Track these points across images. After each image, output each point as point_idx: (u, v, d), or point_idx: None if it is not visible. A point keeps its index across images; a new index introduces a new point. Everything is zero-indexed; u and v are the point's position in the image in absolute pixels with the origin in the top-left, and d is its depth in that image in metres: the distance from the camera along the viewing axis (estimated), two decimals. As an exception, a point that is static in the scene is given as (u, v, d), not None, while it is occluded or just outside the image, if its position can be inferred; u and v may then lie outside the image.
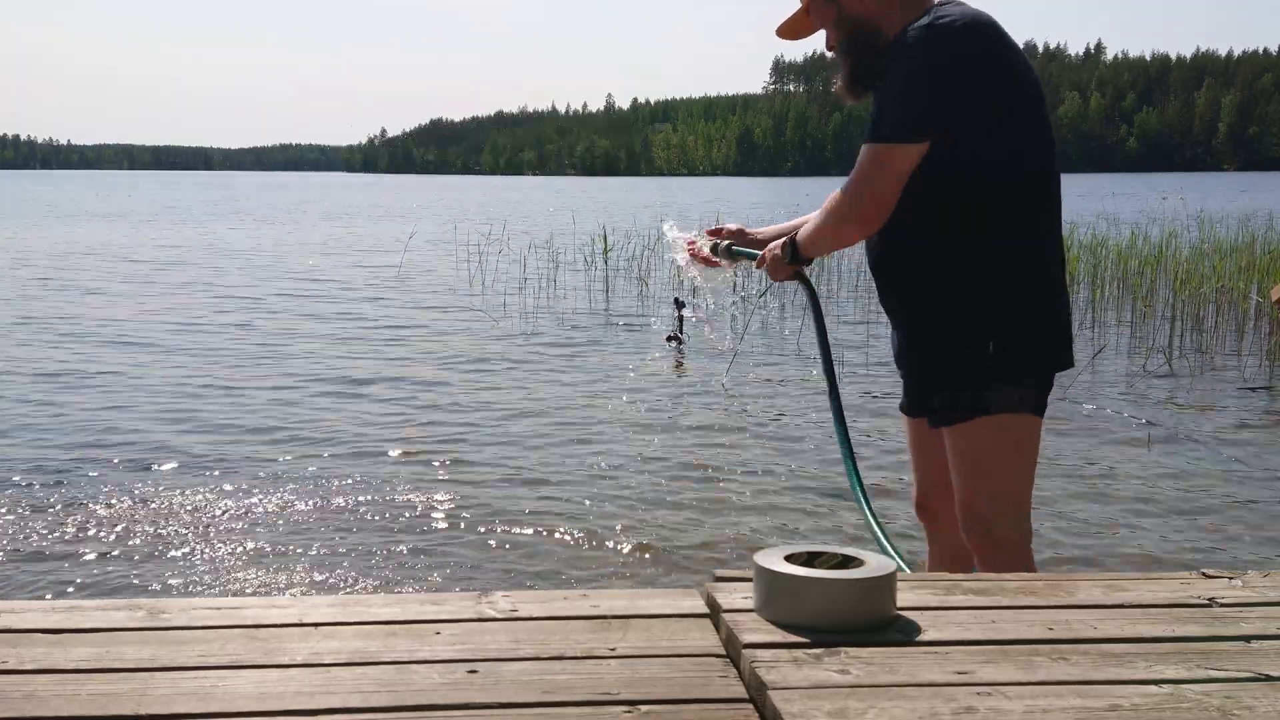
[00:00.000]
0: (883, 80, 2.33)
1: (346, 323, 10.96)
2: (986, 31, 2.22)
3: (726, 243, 2.85)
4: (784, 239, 2.59)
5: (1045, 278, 2.37)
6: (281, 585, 4.02)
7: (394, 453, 5.82)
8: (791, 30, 2.59)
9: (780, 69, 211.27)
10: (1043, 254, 2.36)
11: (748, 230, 2.90)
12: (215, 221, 31.55)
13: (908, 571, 2.13)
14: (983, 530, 2.34)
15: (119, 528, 4.60)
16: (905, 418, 2.64)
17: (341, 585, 4.02)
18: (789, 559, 1.48)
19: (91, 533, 4.54)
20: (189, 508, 4.87)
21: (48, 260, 17.82)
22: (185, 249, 20.69)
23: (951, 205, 2.27)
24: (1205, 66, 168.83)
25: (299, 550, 4.36)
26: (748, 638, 1.37)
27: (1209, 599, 1.57)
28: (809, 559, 1.49)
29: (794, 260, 2.57)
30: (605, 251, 15.47)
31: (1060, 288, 2.40)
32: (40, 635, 1.41)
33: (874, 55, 2.38)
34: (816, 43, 2.58)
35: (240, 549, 4.36)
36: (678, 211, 31.79)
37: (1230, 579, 1.66)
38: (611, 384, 7.82)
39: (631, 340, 9.93)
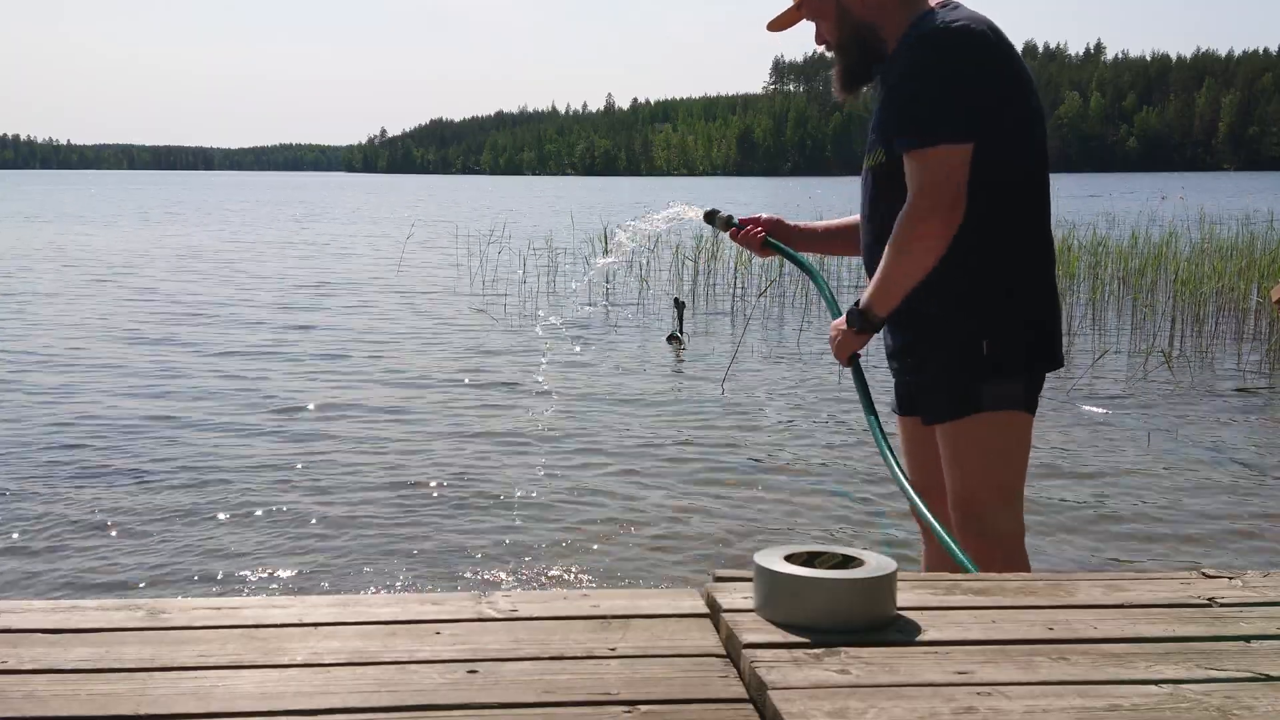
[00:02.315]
0: (880, 79, 2.35)
1: (344, 321, 10.97)
2: (996, 35, 2.28)
3: (762, 233, 2.79)
4: (849, 311, 2.43)
5: (1037, 276, 2.40)
6: (281, 585, 4.02)
7: (392, 453, 5.82)
8: (782, 23, 2.58)
9: (780, 69, 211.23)
10: (1035, 253, 2.39)
11: (786, 221, 2.84)
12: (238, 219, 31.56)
13: (973, 569, 2.06)
14: (978, 526, 2.35)
15: (119, 528, 4.60)
16: (897, 417, 2.65)
17: (341, 585, 4.02)
18: (789, 559, 1.48)
19: (92, 533, 4.54)
20: (189, 508, 4.87)
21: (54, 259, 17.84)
22: (193, 249, 20.71)
23: None
24: (1205, 66, 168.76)
25: (299, 550, 4.36)
26: (748, 638, 1.37)
27: (1209, 599, 1.57)
28: (809, 559, 1.49)
29: (866, 328, 2.42)
30: (606, 251, 15.47)
31: (1051, 287, 2.42)
32: (40, 635, 1.41)
33: (872, 54, 2.40)
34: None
35: (240, 549, 4.36)
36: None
37: (1230, 579, 1.65)
38: (611, 384, 7.82)
39: (631, 340, 9.93)
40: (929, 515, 2.20)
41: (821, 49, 2.54)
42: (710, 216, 2.85)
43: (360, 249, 21.28)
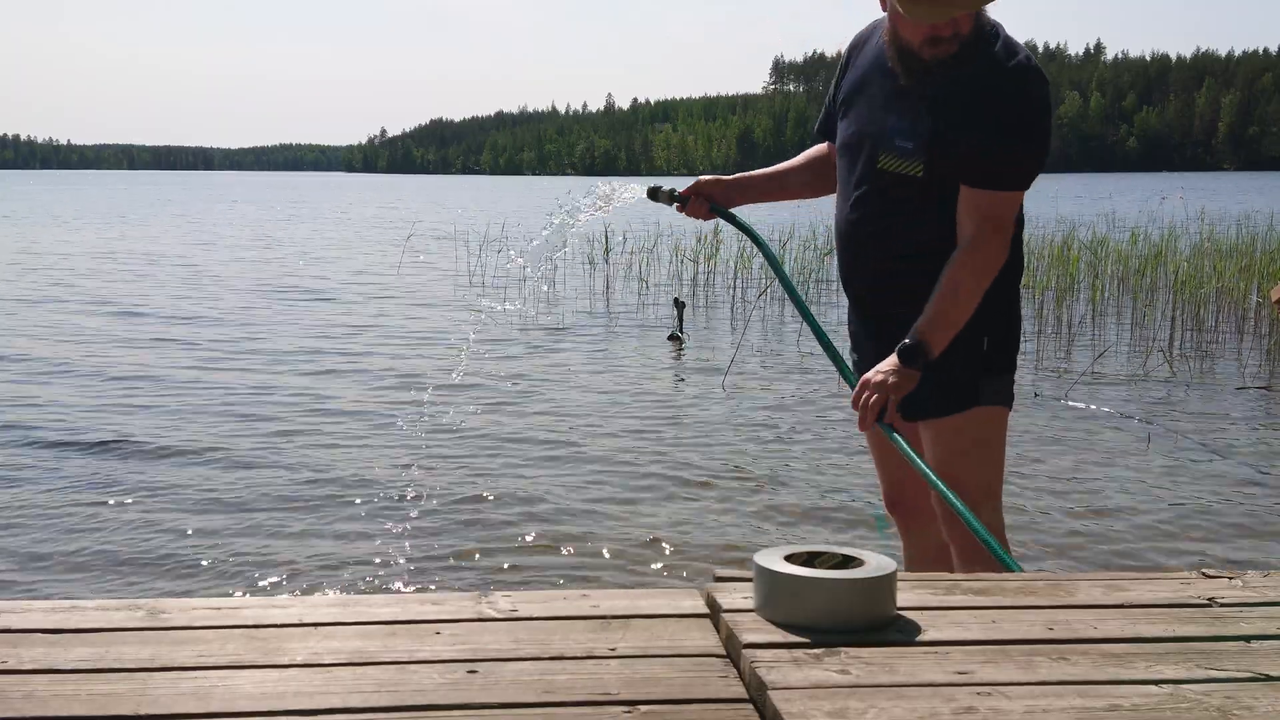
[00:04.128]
0: (920, 79, 2.30)
1: (345, 321, 10.96)
2: None
3: (703, 201, 2.67)
4: (903, 349, 2.27)
5: (1017, 282, 2.51)
6: (281, 585, 4.02)
7: (393, 452, 5.81)
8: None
9: (780, 69, 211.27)
10: (1021, 254, 2.49)
11: (723, 178, 2.71)
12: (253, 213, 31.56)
13: (1019, 569, 2.04)
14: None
15: (119, 527, 4.59)
16: None
17: (341, 585, 4.02)
18: (789, 559, 1.48)
19: (91, 533, 4.54)
20: (189, 507, 4.87)
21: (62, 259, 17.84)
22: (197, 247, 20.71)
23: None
24: (1205, 66, 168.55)
25: (299, 550, 4.36)
26: (748, 638, 1.37)
27: (1209, 599, 1.57)
28: (809, 559, 1.49)
29: (914, 363, 2.27)
30: (606, 251, 15.48)
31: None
32: (40, 635, 1.41)
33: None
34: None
35: (240, 549, 4.36)
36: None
37: (1230, 579, 1.66)
38: (611, 384, 7.82)
39: (631, 340, 9.93)
40: (967, 512, 2.14)
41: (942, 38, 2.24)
42: (654, 193, 2.73)
43: (361, 249, 21.28)
